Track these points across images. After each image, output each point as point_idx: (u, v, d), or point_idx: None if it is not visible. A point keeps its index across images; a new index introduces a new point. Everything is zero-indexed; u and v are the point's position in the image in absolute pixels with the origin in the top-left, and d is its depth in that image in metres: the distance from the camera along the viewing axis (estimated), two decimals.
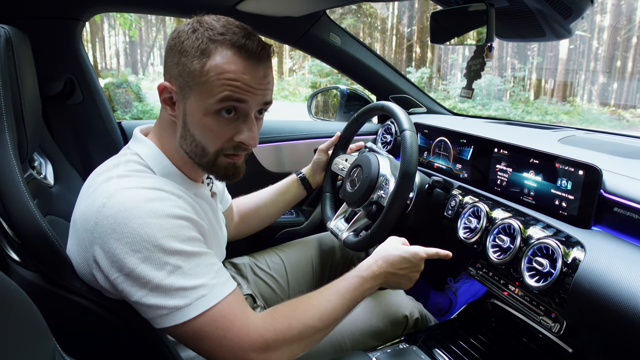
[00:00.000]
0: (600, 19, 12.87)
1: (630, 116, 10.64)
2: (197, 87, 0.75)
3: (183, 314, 0.71)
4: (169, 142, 0.84)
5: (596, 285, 0.78)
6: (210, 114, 0.76)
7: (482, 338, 1.18)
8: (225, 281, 0.77)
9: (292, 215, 1.89)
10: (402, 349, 1.07)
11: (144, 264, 0.69)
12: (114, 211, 0.70)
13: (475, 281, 1.12)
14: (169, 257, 0.70)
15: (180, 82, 0.77)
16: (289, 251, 1.40)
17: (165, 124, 0.84)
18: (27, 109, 0.90)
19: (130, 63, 17.98)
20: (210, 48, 0.74)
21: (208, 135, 0.78)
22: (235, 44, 0.74)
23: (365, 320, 1.14)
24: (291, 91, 15.42)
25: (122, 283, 0.71)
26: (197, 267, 0.73)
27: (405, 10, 16.55)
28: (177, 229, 0.73)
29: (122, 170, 0.77)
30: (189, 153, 0.81)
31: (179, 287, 0.70)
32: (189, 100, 0.76)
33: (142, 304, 0.71)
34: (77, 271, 0.77)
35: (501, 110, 10.71)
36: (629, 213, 0.87)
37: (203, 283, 0.73)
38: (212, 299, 0.73)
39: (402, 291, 1.29)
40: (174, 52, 0.77)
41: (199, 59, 0.74)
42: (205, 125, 0.77)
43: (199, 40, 0.74)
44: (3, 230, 0.76)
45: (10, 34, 0.85)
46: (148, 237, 0.69)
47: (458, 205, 1.19)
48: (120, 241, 0.69)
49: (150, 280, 0.70)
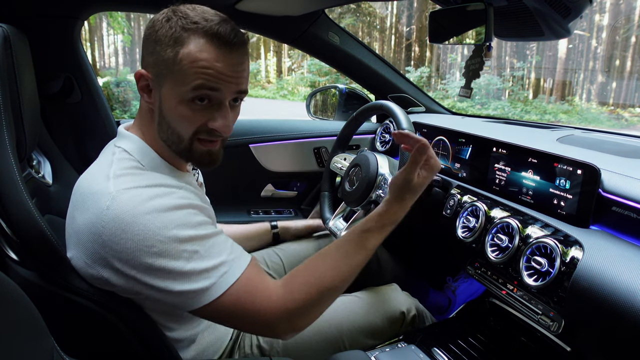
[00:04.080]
0: (599, 18, 12.88)
1: (629, 115, 10.67)
2: (171, 76, 0.75)
3: (210, 294, 0.73)
4: (149, 132, 0.84)
5: (594, 284, 0.78)
6: (184, 102, 0.76)
7: (480, 337, 1.18)
8: (241, 254, 0.81)
9: (291, 214, 1.89)
10: (400, 347, 1.07)
11: (162, 258, 0.71)
12: (120, 212, 0.70)
13: (474, 280, 1.12)
14: (184, 245, 0.72)
15: (155, 70, 0.77)
16: (287, 250, 1.40)
17: (144, 113, 0.84)
18: (25, 108, 0.90)
19: (128, 62, 17.96)
20: (184, 37, 0.74)
21: (182, 123, 0.78)
22: (208, 31, 0.74)
23: (362, 318, 1.15)
24: (290, 90, 15.42)
25: (143, 278, 0.72)
26: (212, 247, 0.76)
27: (404, 9, 16.55)
28: (185, 217, 0.74)
29: (117, 169, 0.77)
30: (166, 141, 0.82)
31: (201, 269, 0.73)
32: (164, 88, 0.77)
33: (168, 292, 0.72)
34: (83, 276, 0.76)
35: (500, 109, 10.73)
36: (628, 212, 0.87)
37: (222, 261, 0.75)
38: (235, 274, 0.76)
39: (399, 287, 1.30)
40: (149, 41, 0.78)
41: (172, 47, 0.74)
42: (180, 113, 0.77)
43: (172, 29, 0.74)
44: (2, 230, 0.76)
45: (8, 32, 0.85)
46: (159, 231, 0.70)
47: (456, 204, 1.19)
48: (132, 240, 0.70)
49: (171, 271, 0.71)
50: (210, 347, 0.99)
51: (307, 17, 1.57)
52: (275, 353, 1.06)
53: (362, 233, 0.88)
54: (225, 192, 1.74)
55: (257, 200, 1.85)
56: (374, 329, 1.15)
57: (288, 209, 1.91)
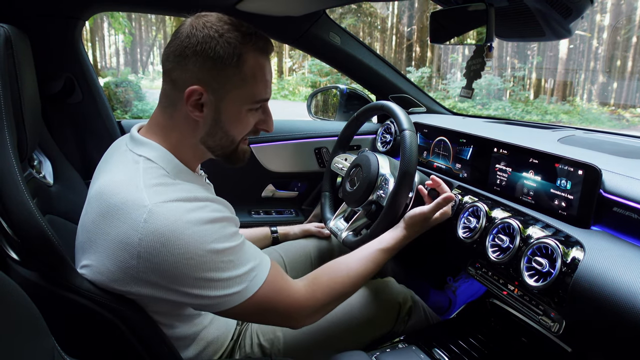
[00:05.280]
0: (600, 19, 12.87)
1: (630, 116, 10.66)
2: (234, 89, 0.81)
3: (242, 296, 0.79)
4: (180, 141, 0.85)
5: (595, 284, 0.78)
6: (248, 111, 0.85)
7: (481, 337, 1.18)
8: (263, 257, 0.87)
9: (291, 215, 1.89)
10: (401, 348, 1.07)
11: (200, 270, 0.74)
12: (159, 226, 0.71)
13: (475, 281, 1.12)
14: (221, 256, 0.76)
15: (214, 86, 0.80)
16: (288, 250, 1.41)
17: (181, 124, 0.84)
18: (26, 108, 0.90)
19: (130, 62, 17.99)
20: (243, 52, 0.80)
21: (242, 128, 0.87)
22: (261, 48, 0.83)
23: (359, 312, 1.16)
24: (291, 90, 15.42)
25: (179, 288, 0.75)
26: (244, 254, 0.81)
27: (405, 9, 16.56)
28: (220, 230, 0.78)
29: (148, 179, 0.77)
30: (214, 147, 0.87)
31: (236, 276, 0.78)
32: (224, 102, 0.82)
33: (202, 297, 0.76)
34: (102, 282, 0.77)
35: (501, 109, 10.72)
36: (629, 213, 0.87)
37: (253, 266, 0.82)
38: (262, 276, 0.83)
39: (394, 280, 1.32)
40: (201, 57, 0.78)
41: (235, 63, 0.80)
42: (243, 121, 0.86)
43: (230, 46, 0.79)
44: (2, 230, 0.76)
45: (9, 32, 0.85)
46: (198, 245, 0.73)
47: (457, 204, 1.19)
48: (171, 254, 0.72)
49: (209, 280, 0.75)
50: (211, 346, 0.99)
51: (308, 18, 1.57)
52: (276, 352, 1.06)
53: (377, 251, 1.06)
54: (226, 192, 1.74)
55: (258, 201, 1.86)
56: (372, 322, 1.17)
57: (289, 209, 1.91)
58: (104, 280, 0.76)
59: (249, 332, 1.09)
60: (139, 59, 17.95)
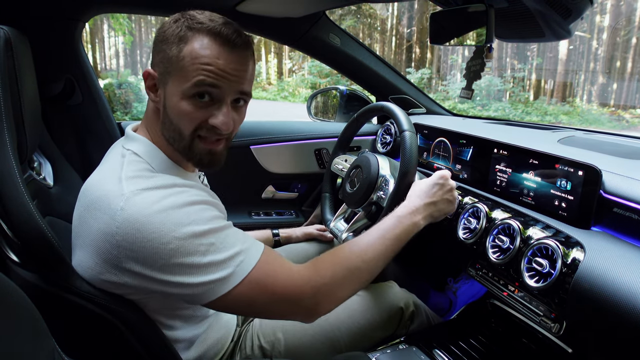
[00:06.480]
0: (600, 20, 12.88)
1: (630, 116, 10.66)
2: (175, 73, 0.78)
3: (229, 283, 0.75)
4: (156, 133, 0.85)
5: (596, 285, 0.78)
6: (185, 98, 0.78)
7: (481, 338, 1.18)
8: (254, 242, 0.82)
9: (292, 215, 1.89)
10: (402, 349, 1.07)
11: (179, 254, 0.72)
12: (134, 212, 0.71)
13: (475, 282, 1.12)
14: (200, 239, 0.73)
15: (160, 69, 0.80)
16: (290, 253, 1.40)
17: (151, 112, 0.86)
18: (26, 110, 0.90)
19: (130, 64, 18.00)
20: (188, 35, 0.77)
21: (183, 119, 0.80)
22: (211, 30, 0.77)
23: (361, 315, 1.15)
24: (291, 92, 15.43)
25: (161, 276, 0.72)
26: (227, 238, 0.77)
27: (405, 11, 16.57)
28: (198, 212, 0.75)
29: (129, 171, 0.77)
30: (169, 139, 0.83)
31: (218, 260, 0.74)
32: (168, 86, 0.79)
33: (185, 285, 0.73)
34: (92, 278, 0.76)
35: (501, 110, 10.72)
36: (629, 213, 0.87)
37: (238, 250, 0.77)
38: (251, 261, 0.77)
39: (396, 284, 1.31)
40: (157, 40, 0.81)
41: (176, 45, 0.77)
42: (181, 109, 0.79)
43: (178, 29, 0.77)
44: (3, 232, 0.76)
45: (9, 34, 0.85)
46: (175, 227, 0.71)
47: (457, 205, 1.19)
48: (148, 240, 0.70)
49: (189, 265, 0.72)
50: (212, 348, 0.99)
51: (308, 19, 1.57)
52: (277, 354, 1.05)
53: (390, 219, 1.00)
54: (226, 193, 1.74)
55: (258, 202, 1.85)
56: (374, 326, 1.15)
57: (289, 210, 1.91)
58: (93, 274, 0.76)
59: (250, 333, 1.09)
60: (139, 61, 17.96)
